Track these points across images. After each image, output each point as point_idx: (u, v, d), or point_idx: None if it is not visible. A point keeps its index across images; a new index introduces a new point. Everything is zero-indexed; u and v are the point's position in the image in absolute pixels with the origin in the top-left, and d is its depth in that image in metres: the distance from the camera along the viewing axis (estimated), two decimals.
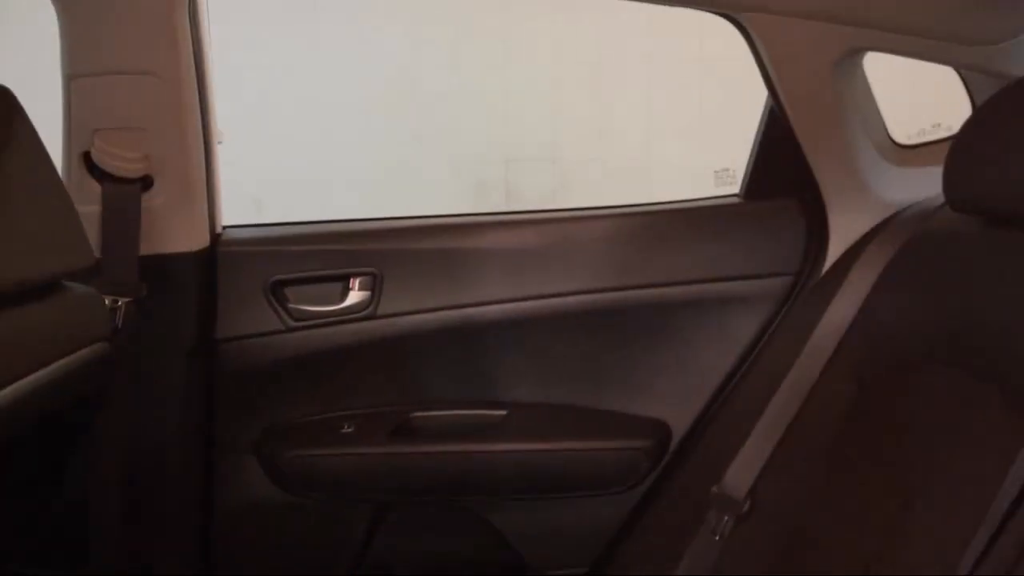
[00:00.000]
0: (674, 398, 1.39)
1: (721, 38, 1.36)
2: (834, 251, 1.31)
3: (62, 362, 1.00)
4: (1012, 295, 0.94)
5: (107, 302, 1.17)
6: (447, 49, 5.11)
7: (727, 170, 1.47)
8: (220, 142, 1.37)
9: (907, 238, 1.18)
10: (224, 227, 1.39)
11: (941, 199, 1.06)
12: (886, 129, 1.34)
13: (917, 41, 1.17)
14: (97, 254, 1.16)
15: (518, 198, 5.28)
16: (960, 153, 1.01)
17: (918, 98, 1.36)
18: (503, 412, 1.42)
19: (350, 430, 1.40)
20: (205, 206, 1.32)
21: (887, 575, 0.95)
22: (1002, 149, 0.95)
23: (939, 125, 1.18)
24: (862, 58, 1.28)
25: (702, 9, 1.21)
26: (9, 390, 0.91)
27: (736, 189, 1.44)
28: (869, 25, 1.16)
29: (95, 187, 1.24)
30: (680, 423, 1.39)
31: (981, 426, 0.92)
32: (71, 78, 1.21)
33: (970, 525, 0.83)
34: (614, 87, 5.25)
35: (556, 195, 5.27)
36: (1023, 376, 0.87)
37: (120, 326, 1.23)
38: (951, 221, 1.08)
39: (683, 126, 4.37)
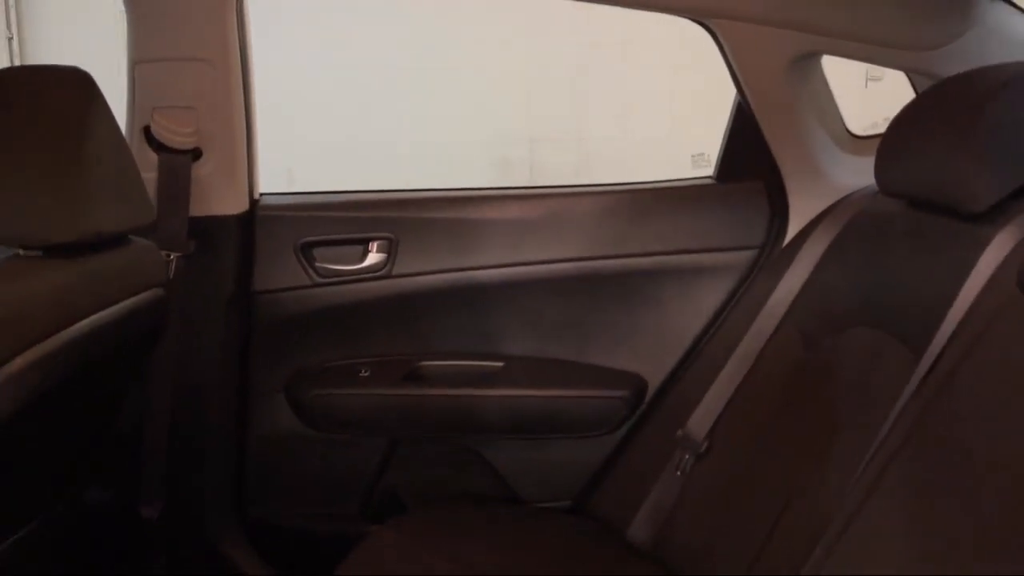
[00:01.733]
0: (650, 355, 1.58)
1: None
2: (793, 228, 1.49)
3: (127, 302, 1.20)
4: (920, 267, 1.11)
5: (161, 255, 1.37)
6: (475, 31, 5.25)
7: (702, 154, 1.62)
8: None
9: (850, 217, 1.35)
10: (261, 194, 1.58)
11: None
12: (842, 122, 1.51)
13: (864, 47, 1.33)
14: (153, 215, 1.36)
15: (542, 175, 5.42)
16: (887, 146, 1.18)
17: (876, 95, 1.51)
18: (500, 363, 1.61)
19: (367, 374, 1.59)
20: (246, 175, 1.52)
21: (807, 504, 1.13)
22: (919, 143, 1.12)
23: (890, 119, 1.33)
24: (819, 60, 1.44)
25: (674, 14, 1.38)
26: (86, 322, 1.11)
27: (711, 171, 1.61)
28: (820, 32, 1.33)
29: (152, 157, 1.43)
30: (655, 376, 1.57)
31: (887, 374, 1.10)
32: (135, 63, 1.40)
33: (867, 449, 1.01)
34: (639, 70, 5.35)
35: (579, 173, 5.41)
36: (920, 332, 1.04)
37: (171, 277, 1.43)
38: (883, 203, 1.26)
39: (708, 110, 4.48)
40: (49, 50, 6.61)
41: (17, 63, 6.91)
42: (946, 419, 0.84)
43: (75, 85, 1.10)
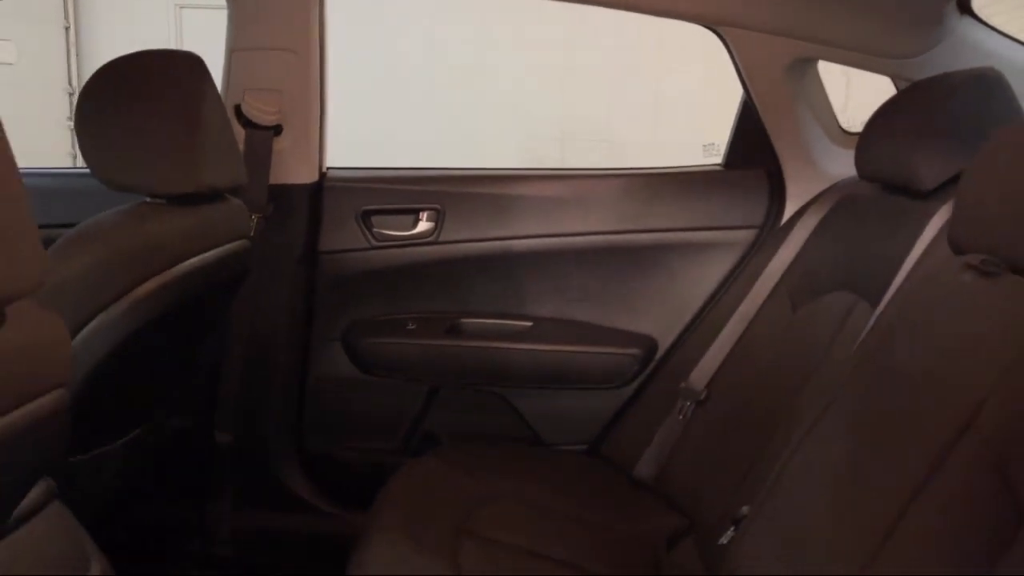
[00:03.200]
0: (660, 318, 1.80)
1: None
2: (789, 210, 1.71)
3: (223, 248, 1.44)
4: (883, 238, 1.33)
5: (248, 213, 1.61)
6: (512, 31, 5.47)
7: (713, 144, 1.81)
8: None
9: (836, 201, 1.57)
10: (328, 168, 1.83)
11: None
12: (835, 119, 1.73)
13: (853, 54, 1.55)
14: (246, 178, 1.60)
15: None
16: (864, 138, 1.40)
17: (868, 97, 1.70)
18: (529, 323, 1.84)
19: (413, 328, 1.83)
20: (317, 150, 1.76)
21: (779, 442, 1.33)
22: (887, 136, 1.34)
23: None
24: (815, 64, 1.66)
25: (688, 21, 1.61)
26: (195, 260, 1.35)
27: (720, 160, 1.84)
28: (815, 40, 1.55)
29: (241, 132, 1.68)
30: (664, 337, 1.80)
31: (852, 329, 1.31)
32: (232, 51, 1.65)
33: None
34: (671, 70, 5.50)
35: None
36: (877, 292, 1.26)
37: (253, 235, 1.67)
38: (862, 188, 1.48)
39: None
40: (103, 38, 6.94)
41: (73, 51, 7.26)
42: (878, 369, 1.04)
43: (192, 67, 1.35)
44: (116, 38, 6.52)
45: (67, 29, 7.07)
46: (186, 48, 1.39)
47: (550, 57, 5.42)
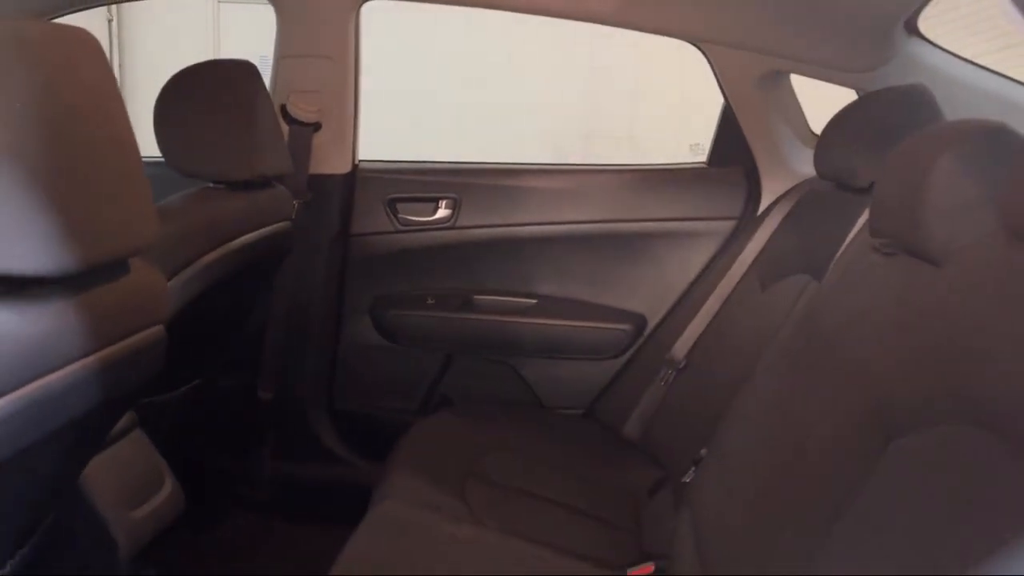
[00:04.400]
0: (650, 298, 2.03)
1: None
2: (764, 203, 1.93)
3: (271, 227, 1.69)
4: (830, 228, 1.55)
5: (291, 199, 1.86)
6: (537, 29, 5.65)
7: (699, 144, 2.01)
8: None
9: (802, 195, 1.79)
10: (360, 160, 2.08)
11: None
12: (806, 123, 1.95)
13: (814, 67, 1.77)
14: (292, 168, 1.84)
15: None
16: (821, 142, 1.62)
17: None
18: (534, 300, 2.08)
19: (432, 302, 2.08)
20: (351, 145, 2.01)
21: None
22: (836, 140, 1.56)
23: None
24: (787, 75, 1.89)
25: (674, 37, 1.84)
26: (248, 237, 1.60)
27: (704, 158, 2.07)
28: (781, 55, 1.78)
29: (285, 128, 1.93)
30: (653, 315, 2.03)
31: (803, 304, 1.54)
32: (280, 57, 1.91)
33: None
34: (695, 70, 5.66)
35: None
36: (824, 273, 1.48)
37: (294, 217, 1.93)
38: (822, 185, 1.70)
39: None
40: (143, 30, 7.22)
41: (116, 43, 7.57)
42: (803, 333, 1.26)
43: (248, 73, 1.60)
44: (156, 30, 6.79)
45: (110, 22, 7.38)
46: (223, 40, 1.63)
47: (575, 56, 5.59)
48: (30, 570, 1.08)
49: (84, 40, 0.82)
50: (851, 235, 1.40)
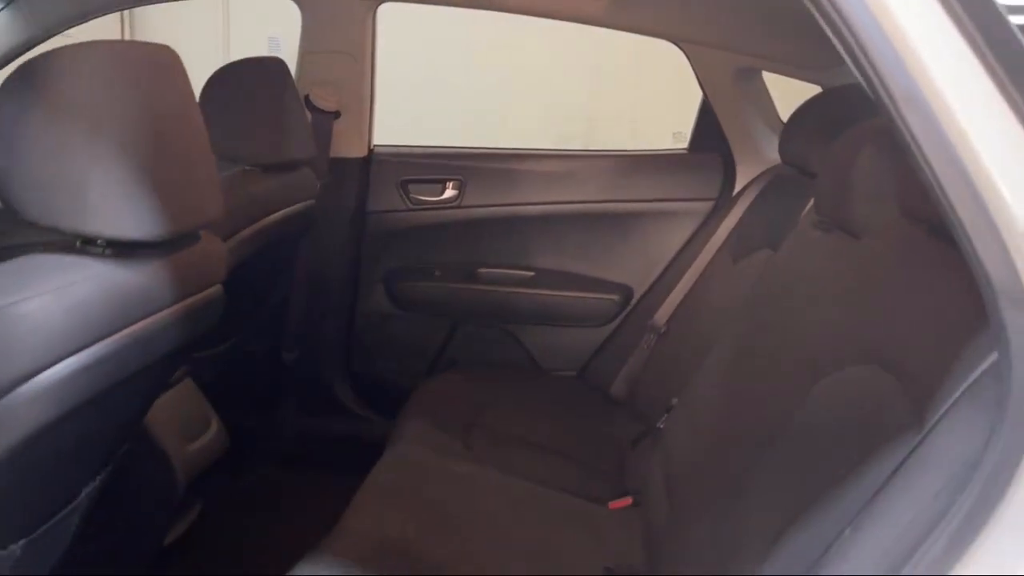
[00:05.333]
0: (636, 271, 2.25)
1: None
2: (738, 186, 2.14)
3: (296, 206, 1.91)
4: (791, 209, 1.76)
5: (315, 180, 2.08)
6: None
7: (681, 132, 2.22)
8: None
9: (771, 179, 2.01)
10: (375, 145, 2.29)
11: None
12: (777, 114, 2.16)
13: (781, 65, 1.98)
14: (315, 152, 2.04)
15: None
16: (785, 131, 1.83)
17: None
18: (532, 273, 2.30)
19: (439, 274, 2.30)
20: (367, 131, 2.23)
21: None
22: (796, 130, 1.77)
23: None
24: (758, 72, 2.09)
25: (655, 36, 2.05)
26: (277, 215, 1.82)
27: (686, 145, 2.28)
28: (751, 54, 1.99)
29: (309, 116, 2.14)
30: (639, 286, 2.25)
31: None
32: (304, 53, 2.13)
33: None
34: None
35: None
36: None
37: (317, 196, 2.14)
38: (786, 170, 1.91)
39: None
40: (155, 15, 7.37)
41: (127, 24, 7.75)
42: (758, 297, 1.48)
43: (280, 69, 1.82)
44: (167, 15, 6.93)
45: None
46: (232, 26, 1.82)
47: (577, 40, 5.69)
48: (106, 493, 1.31)
49: (170, 56, 1.04)
50: (802, 213, 1.62)
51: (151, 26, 7.17)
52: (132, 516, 1.44)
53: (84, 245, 0.97)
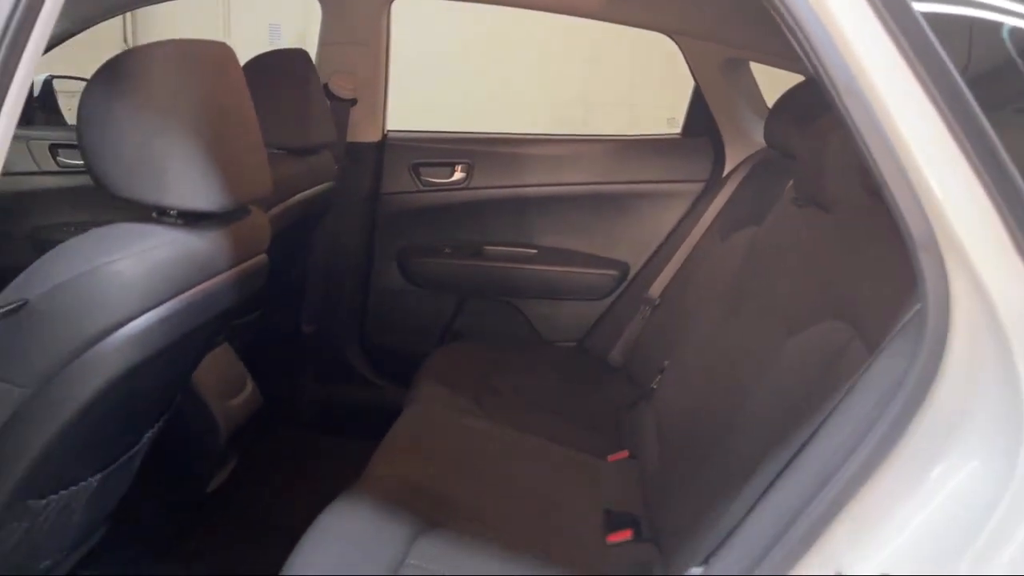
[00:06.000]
0: (633, 248, 2.41)
1: None
2: (727, 168, 2.30)
3: (317, 187, 2.06)
4: (776, 190, 1.92)
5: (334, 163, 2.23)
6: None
7: (674, 118, 2.36)
8: None
9: (757, 161, 2.17)
10: (389, 130, 2.44)
11: None
12: (764, 102, 2.32)
13: (768, 56, 2.14)
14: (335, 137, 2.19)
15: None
16: (770, 116, 1.99)
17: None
18: (535, 250, 2.46)
19: (449, 252, 2.46)
20: (381, 117, 2.38)
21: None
22: (779, 116, 1.93)
23: None
24: (746, 61, 2.25)
25: (648, 29, 2.20)
26: (302, 195, 1.98)
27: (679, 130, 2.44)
28: (739, 46, 2.14)
29: (327, 103, 2.29)
30: (635, 262, 2.41)
31: None
32: (323, 44, 2.28)
33: None
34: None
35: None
36: None
37: (335, 178, 2.29)
38: (771, 153, 2.07)
39: None
40: (160, 14, 7.45)
41: (130, 26, 7.84)
42: (743, 274, 1.64)
43: (303, 60, 1.97)
44: (173, 12, 7.00)
45: None
46: (232, 12, 1.94)
47: (575, 26, 5.78)
48: (158, 442, 1.47)
49: (228, 52, 1.20)
50: (784, 193, 1.78)
51: (151, 9, 7.27)
52: (180, 463, 1.61)
53: (160, 216, 1.13)
